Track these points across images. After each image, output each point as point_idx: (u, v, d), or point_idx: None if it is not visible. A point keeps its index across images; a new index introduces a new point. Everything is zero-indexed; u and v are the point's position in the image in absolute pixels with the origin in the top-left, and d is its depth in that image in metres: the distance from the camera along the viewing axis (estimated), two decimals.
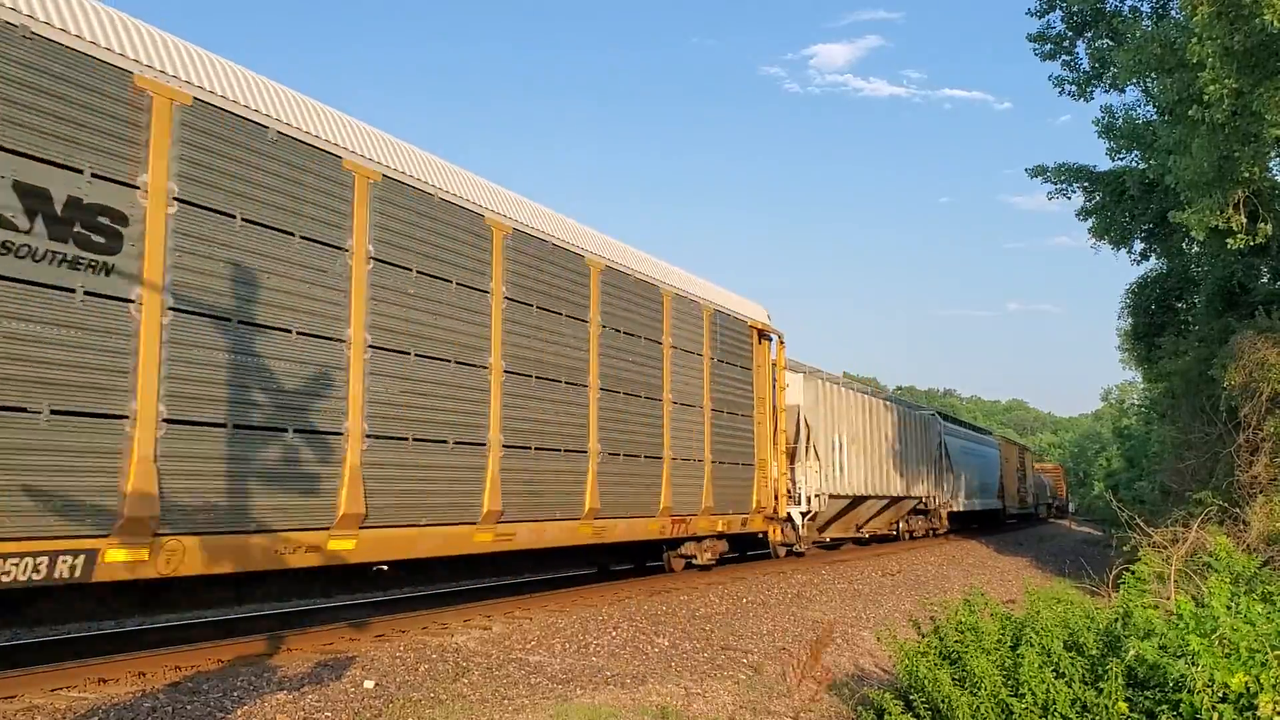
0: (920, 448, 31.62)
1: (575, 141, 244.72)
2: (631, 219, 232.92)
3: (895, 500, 28.97)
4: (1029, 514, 57.32)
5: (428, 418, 10.66)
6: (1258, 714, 5.31)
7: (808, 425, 22.30)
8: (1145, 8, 21.94)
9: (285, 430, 9.02)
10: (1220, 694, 5.50)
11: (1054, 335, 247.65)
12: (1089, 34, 23.07)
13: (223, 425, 8.46)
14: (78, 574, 7.34)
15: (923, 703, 6.94)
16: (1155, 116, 21.31)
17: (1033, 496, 58.37)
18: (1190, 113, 15.07)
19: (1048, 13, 23.26)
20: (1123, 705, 5.93)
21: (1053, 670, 6.48)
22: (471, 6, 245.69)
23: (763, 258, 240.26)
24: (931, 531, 34.40)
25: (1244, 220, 15.99)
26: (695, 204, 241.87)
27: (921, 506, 32.44)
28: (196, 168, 8.49)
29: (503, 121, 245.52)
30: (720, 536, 18.21)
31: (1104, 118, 22.75)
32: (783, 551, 22.03)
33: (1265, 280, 22.42)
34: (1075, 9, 22.57)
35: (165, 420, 8.00)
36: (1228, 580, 9.08)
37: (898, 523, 31.57)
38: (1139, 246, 26.45)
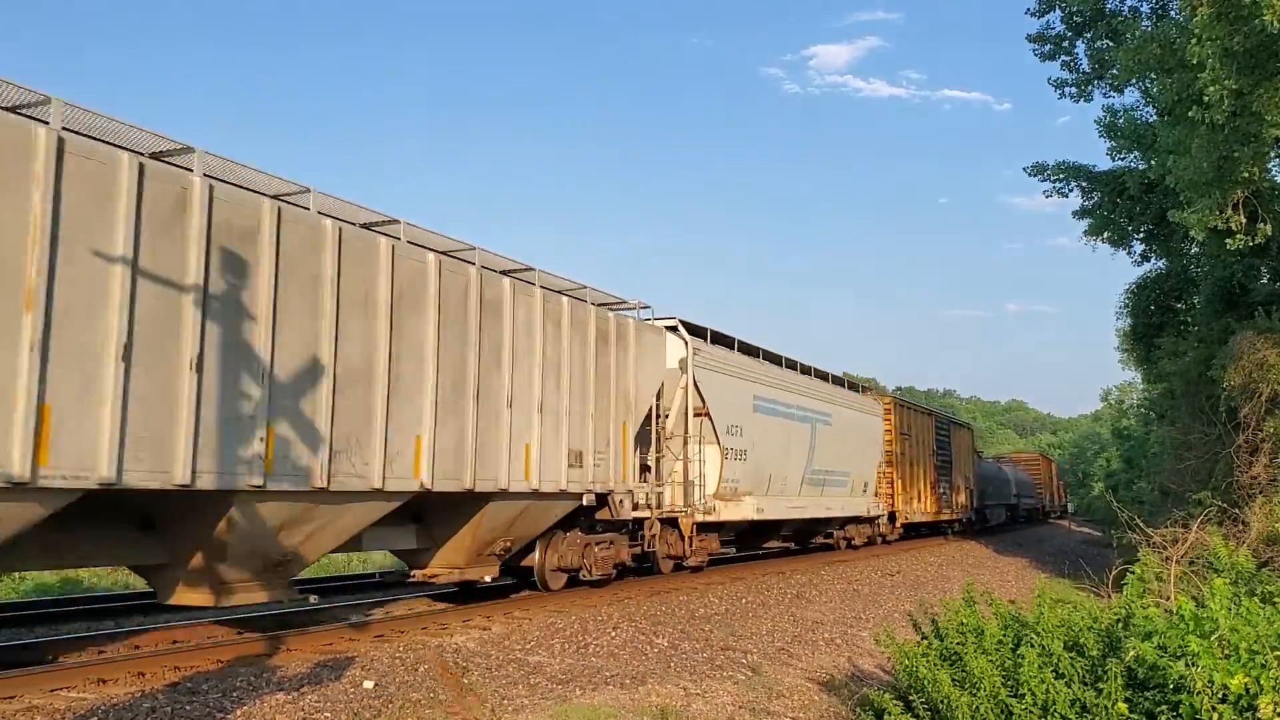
0: (580, 387, 13.89)
1: (576, 141, 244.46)
2: (631, 219, 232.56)
3: (466, 500, 11.96)
4: (969, 522, 39.67)
5: None
6: (1258, 715, 5.31)
7: None
8: (1144, 8, 21.93)
9: None
10: (1220, 695, 5.49)
11: (1053, 336, 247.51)
12: (1088, 34, 23.04)
13: None
14: None
15: (922, 703, 6.93)
16: (1155, 117, 21.31)
17: (975, 497, 40.32)
18: (1190, 113, 15.06)
19: (1047, 12, 23.23)
20: (1122, 706, 5.92)
21: (1052, 671, 6.47)
22: (470, 5, 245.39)
23: (764, 258, 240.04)
24: (643, 565, 17.01)
25: (1243, 220, 15.99)
26: (696, 204, 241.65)
27: (604, 512, 14.67)
28: None
29: (502, 121, 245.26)
30: None
31: (1106, 118, 22.75)
32: None
33: (1265, 281, 22.42)
34: (1075, 9, 22.54)
35: None
36: (1228, 581, 9.08)
37: (510, 549, 13.36)
38: (1139, 247, 26.48)
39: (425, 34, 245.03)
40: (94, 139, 8.06)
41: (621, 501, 15.00)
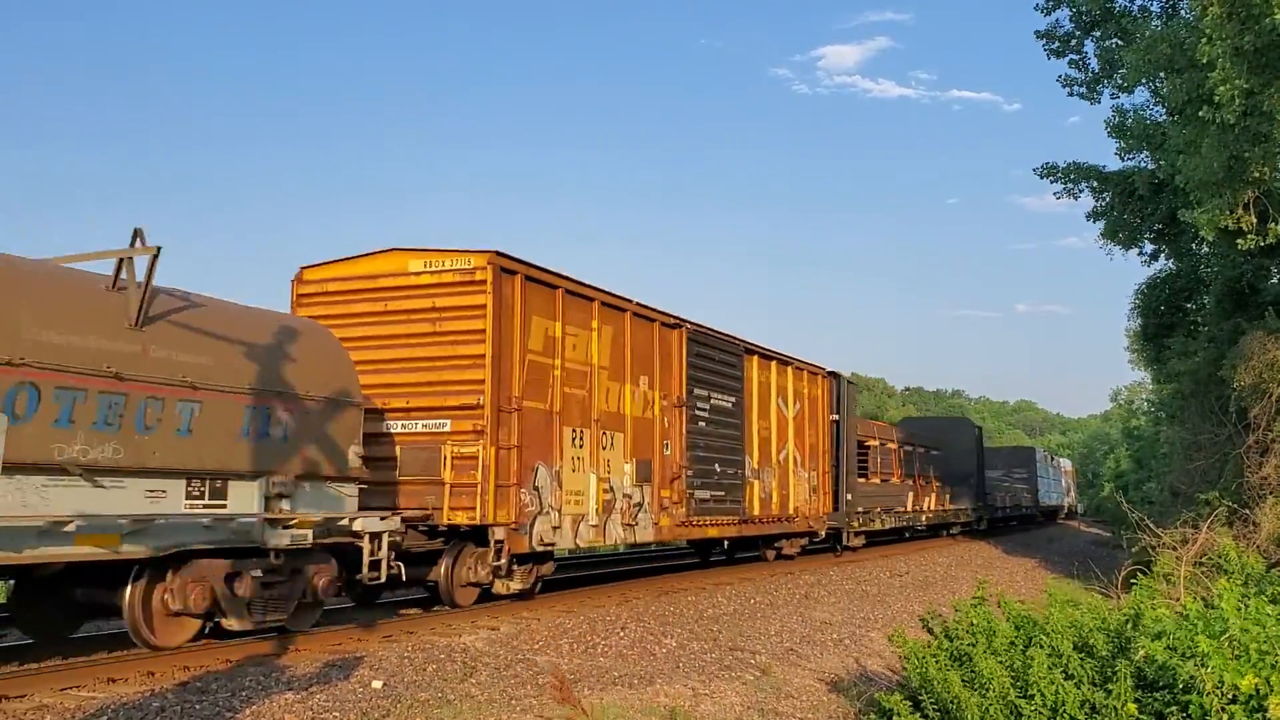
0: None
1: (579, 143, 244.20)
2: (634, 220, 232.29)
3: None
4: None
5: None
6: (1268, 716, 5.28)
7: None
8: (1154, 7, 21.87)
9: None
10: (1230, 695, 5.47)
11: (1062, 336, 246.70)
12: (1097, 33, 22.98)
13: None
14: None
15: (932, 704, 6.93)
16: (1164, 117, 21.24)
17: None
18: (1200, 113, 15.01)
19: (1055, 9, 23.13)
20: (1131, 707, 5.90)
21: (1062, 672, 6.46)
22: (473, 3, 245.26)
23: (769, 259, 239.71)
24: None
25: (1254, 220, 15.94)
26: (701, 206, 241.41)
27: None
28: None
29: (504, 122, 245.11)
30: None
31: (1114, 118, 22.67)
32: None
33: (1275, 281, 22.32)
34: (1084, 7, 22.47)
35: None
36: (1238, 581, 9.06)
37: None
38: (1149, 248, 26.37)
39: (416, 33, 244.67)
40: None
41: None
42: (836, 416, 23.74)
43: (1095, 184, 25.33)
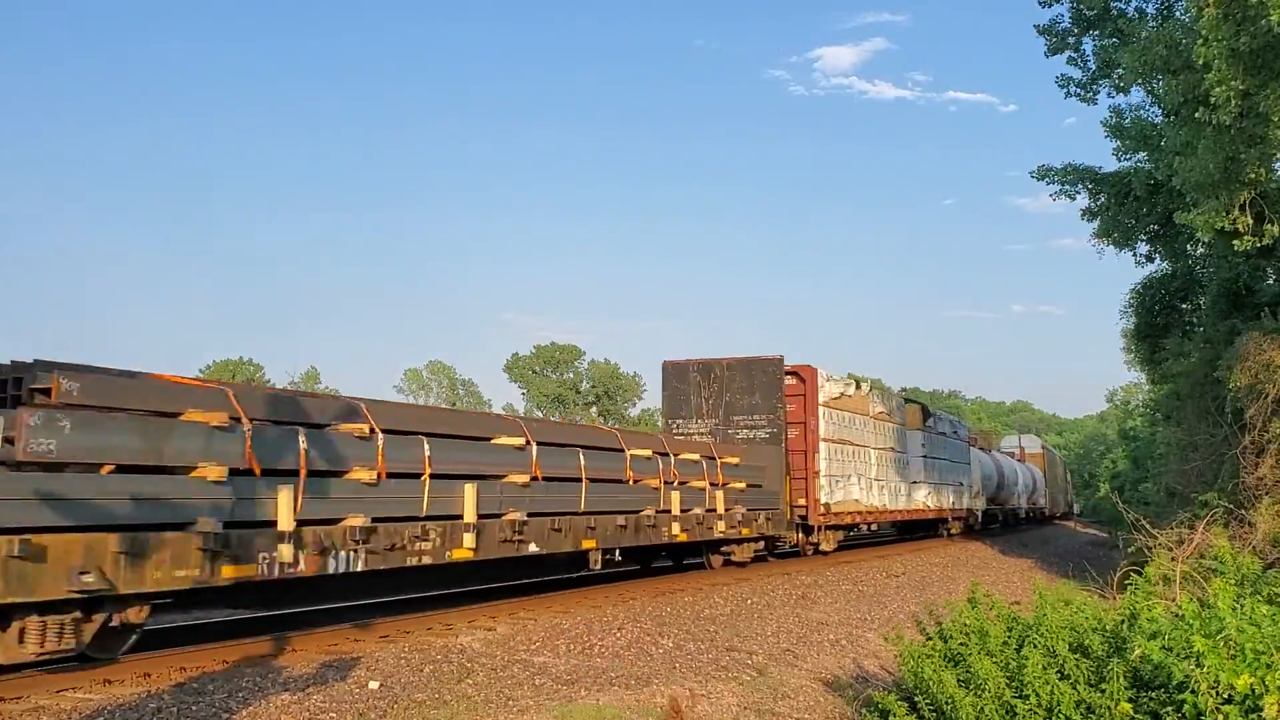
0: None
1: (576, 143, 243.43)
2: (627, 221, 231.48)
3: None
4: None
5: None
6: (1263, 715, 5.29)
7: None
8: (1150, 9, 21.85)
9: None
10: (1225, 695, 5.48)
11: (1058, 337, 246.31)
12: (1095, 33, 22.96)
13: None
14: None
15: (927, 704, 6.94)
16: (1161, 118, 21.24)
17: None
18: (1196, 114, 15.02)
19: (1055, 2, 23.04)
20: (1126, 706, 5.92)
21: (1057, 672, 6.47)
22: (470, 3, 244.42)
23: (765, 259, 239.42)
24: None
25: (1250, 221, 15.96)
26: (699, 206, 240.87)
27: None
28: None
29: (499, 120, 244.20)
30: None
31: (1112, 118, 22.67)
32: None
33: (1271, 282, 22.35)
34: (1083, 6, 22.42)
35: None
36: (1233, 582, 9.07)
37: None
38: (1144, 249, 26.37)
39: (412, 34, 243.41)
40: None
41: None
42: None
43: (1091, 185, 25.35)
